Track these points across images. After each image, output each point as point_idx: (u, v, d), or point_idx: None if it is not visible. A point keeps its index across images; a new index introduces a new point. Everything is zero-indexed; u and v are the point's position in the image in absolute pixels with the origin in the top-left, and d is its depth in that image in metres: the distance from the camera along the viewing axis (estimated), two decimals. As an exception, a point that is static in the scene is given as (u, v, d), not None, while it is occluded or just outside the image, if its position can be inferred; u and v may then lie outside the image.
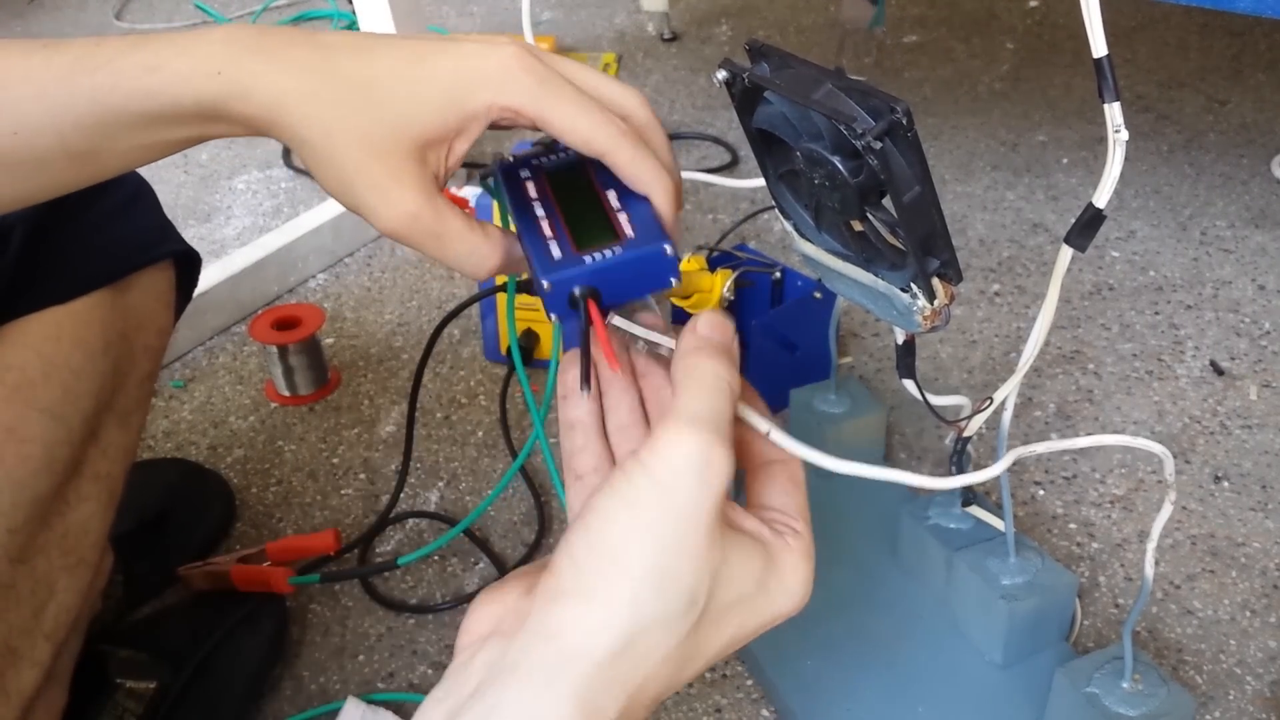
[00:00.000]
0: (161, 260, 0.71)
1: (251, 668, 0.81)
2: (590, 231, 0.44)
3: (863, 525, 0.90)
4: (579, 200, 0.46)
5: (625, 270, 0.43)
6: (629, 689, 0.36)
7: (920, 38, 1.88)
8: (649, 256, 0.44)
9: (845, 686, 0.78)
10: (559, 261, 0.43)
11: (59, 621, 0.62)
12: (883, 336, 1.18)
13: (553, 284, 0.43)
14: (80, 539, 0.63)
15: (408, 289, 1.29)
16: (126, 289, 0.67)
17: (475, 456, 1.04)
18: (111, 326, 0.65)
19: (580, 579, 0.37)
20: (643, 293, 0.45)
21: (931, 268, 0.48)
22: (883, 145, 0.42)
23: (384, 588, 0.91)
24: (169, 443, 1.08)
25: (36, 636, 0.60)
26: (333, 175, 0.44)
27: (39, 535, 0.60)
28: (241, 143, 1.65)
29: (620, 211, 0.45)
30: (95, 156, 0.46)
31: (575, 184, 0.47)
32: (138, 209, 0.71)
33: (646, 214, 0.45)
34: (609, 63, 1.84)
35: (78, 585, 0.63)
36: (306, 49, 0.44)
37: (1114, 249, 1.30)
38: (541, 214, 0.46)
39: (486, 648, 0.38)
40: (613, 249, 0.43)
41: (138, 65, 0.44)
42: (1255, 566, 0.89)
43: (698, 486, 0.37)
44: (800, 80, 0.45)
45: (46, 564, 0.61)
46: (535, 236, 0.45)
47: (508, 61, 0.44)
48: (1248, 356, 1.12)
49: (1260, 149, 1.49)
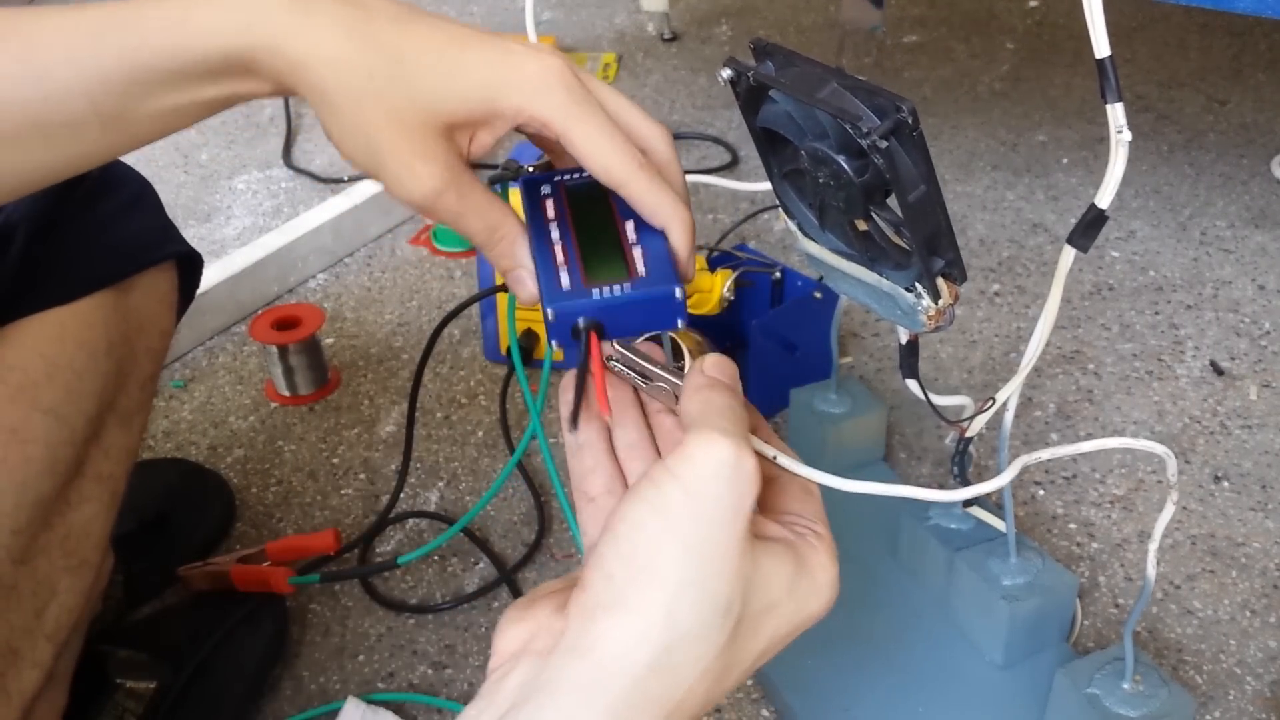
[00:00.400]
0: (164, 261, 0.71)
1: (251, 668, 0.80)
2: (602, 263, 0.44)
3: (864, 525, 0.90)
4: (596, 227, 0.46)
5: (632, 308, 0.43)
6: (667, 705, 0.36)
7: (920, 38, 1.88)
8: (658, 298, 0.43)
9: (845, 686, 0.78)
10: (566, 291, 0.43)
11: (60, 622, 0.62)
12: (883, 336, 1.18)
13: (557, 314, 0.43)
14: (82, 540, 0.63)
15: (408, 289, 1.29)
16: (129, 290, 0.67)
17: (475, 456, 1.04)
18: (114, 327, 0.65)
19: (614, 591, 0.36)
20: (648, 330, 0.44)
21: (936, 267, 0.48)
22: (888, 144, 0.42)
23: (384, 588, 0.91)
24: (169, 443, 1.08)
25: (38, 637, 0.60)
26: (359, 144, 0.43)
27: (41, 536, 0.60)
28: (242, 143, 1.65)
29: (635, 245, 0.45)
30: (126, 120, 0.45)
31: (595, 209, 0.47)
32: (140, 210, 0.71)
33: (661, 251, 0.44)
34: (609, 63, 1.84)
35: (79, 586, 0.63)
36: (347, 7, 0.43)
37: (1114, 249, 1.30)
38: (556, 237, 0.45)
39: (520, 667, 0.38)
40: (622, 285, 0.43)
41: (165, 19, 0.43)
42: (1255, 566, 0.89)
43: (729, 493, 0.36)
44: (805, 79, 0.45)
45: (48, 565, 0.61)
46: (547, 260, 0.44)
47: (548, 73, 0.44)
48: (1248, 356, 1.12)
49: (1260, 149, 1.49)
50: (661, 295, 0.43)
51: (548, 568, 0.92)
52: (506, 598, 0.89)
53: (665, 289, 0.43)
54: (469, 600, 0.89)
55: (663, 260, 0.44)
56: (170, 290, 0.72)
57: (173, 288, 0.72)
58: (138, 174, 0.72)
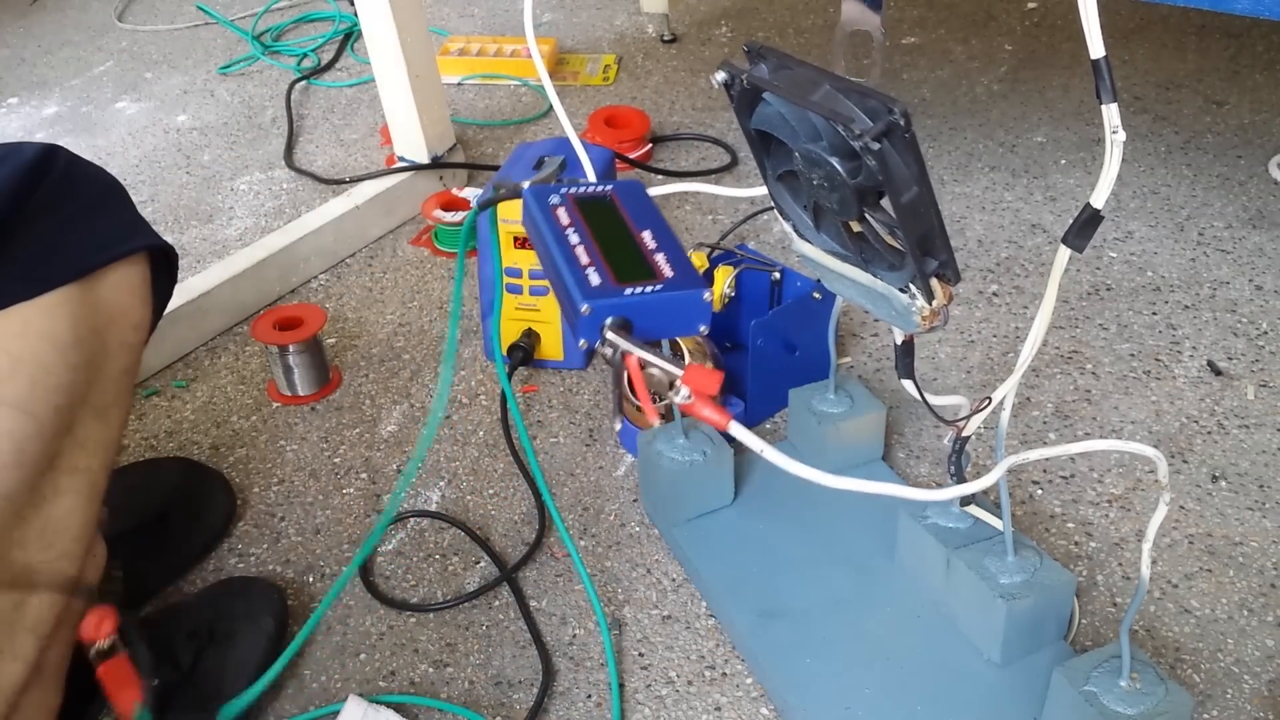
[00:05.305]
0: (133, 255, 0.70)
1: (252, 666, 0.81)
2: (629, 266, 0.45)
3: (861, 524, 0.90)
4: (613, 233, 0.47)
5: (662, 308, 0.44)
6: None
7: (919, 39, 1.88)
8: (687, 300, 0.44)
9: (844, 685, 0.78)
10: (598, 288, 0.44)
11: (41, 615, 0.62)
12: (881, 336, 1.18)
13: (592, 308, 0.43)
14: (60, 533, 0.63)
15: (409, 289, 1.30)
16: (97, 284, 0.67)
17: (476, 456, 1.04)
18: (82, 321, 0.65)
19: None
20: (673, 334, 0.45)
21: (929, 268, 0.48)
22: (881, 146, 0.42)
23: (385, 586, 0.91)
24: (171, 442, 1.08)
25: (18, 630, 0.61)
26: None
27: (15, 530, 0.60)
28: (244, 144, 1.66)
29: (657, 252, 0.46)
30: None
31: (607, 217, 0.48)
32: (106, 207, 0.71)
33: (682, 258, 0.46)
34: (609, 64, 1.84)
35: (60, 579, 0.63)
36: None
37: (1112, 249, 1.31)
38: (577, 241, 0.46)
39: None
40: (652, 285, 0.44)
41: None
42: (1253, 565, 0.90)
43: None
44: (799, 81, 0.45)
45: (25, 558, 0.61)
46: (572, 262, 0.45)
47: None
48: (1245, 356, 1.12)
49: (1258, 149, 1.49)
50: (691, 297, 0.44)
51: (548, 566, 0.93)
52: (507, 596, 0.90)
53: (695, 291, 0.44)
54: (470, 599, 0.89)
55: (686, 266, 0.45)
56: (141, 283, 0.72)
57: (144, 281, 0.72)
58: (105, 173, 0.72)
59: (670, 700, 0.81)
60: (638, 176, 1.50)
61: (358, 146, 1.62)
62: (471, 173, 1.52)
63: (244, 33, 2.03)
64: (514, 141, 1.62)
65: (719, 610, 0.87)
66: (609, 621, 0.87)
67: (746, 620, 0.84)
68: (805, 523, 0.91)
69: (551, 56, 1.86)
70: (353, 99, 1.77)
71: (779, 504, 0.94)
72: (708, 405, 0.47)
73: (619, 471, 1.02)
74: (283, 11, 2.13)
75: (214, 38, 2.06)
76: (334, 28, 2.01)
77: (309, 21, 2.08)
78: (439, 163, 1.45)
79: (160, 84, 1.89)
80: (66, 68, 1.99)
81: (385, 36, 1.33)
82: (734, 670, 0.83)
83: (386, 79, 1.37)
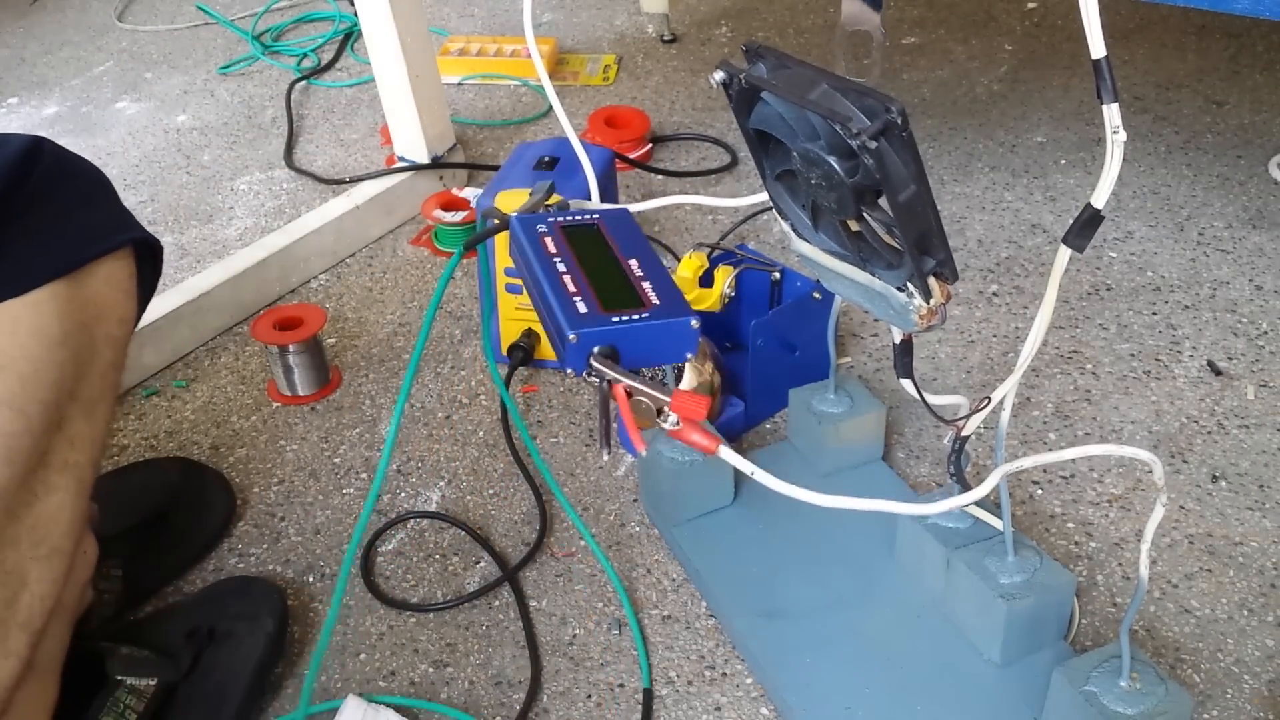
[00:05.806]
0: (119, 249, 0.70)
1: (252, 666, 0.81)
2: (615, 294, 0.45)
3: (861, 524, 0.90)
4: (600, 262, 0.47)
5: (649, 336, 0.44)
6: None
7: (919, 39, 1.88)
8: (674, 327, 0.44)
9: (844, 685, 0.78)
10: (585, 316, 0.44)
11: (33, 611, 0.62)
12: (881, 336, 1.18)
13: (579, 337, 0.43)
14: (51, 529, 0.63)
15: (409, 289, 1.30)
16: (84, 279, 0.67)
17: (476, 456, 1.04)
18: (70, 316, 0.65)
19: None
20: (660, 361, 0.45)
21: (927, 267, 0.48)
22: (878, 145, 0.42)
23: (385, 586, 0.91)
24: (171, 442, 1.08)
25: (10, 626, 0.61)
26: None
27: (7, 527, 0.60)
28: (244, 144, 1.66)
29: (644, 280, 0.46)
30: None
31: (595, 247, 0.48)
32: (93, 201, 0.71)
33: (670, 287, 0.46)
34: (609, 64, 1.84)
35: (51, 575, 0.63)
36: None
37: (1112, 249, 1.31)
38: (564, 269, 0.46)
39: None
40: (639, 313, 0.44)
41: None
42: (1253, 565, 0.90)
43: None
44: (797, 81, 0.45)
45: (16, 555, 0.61)
46: (559, 290, 0.45)
47: None
48: (1245, 356, 1.12)
49: (1258, 149, 1.49)
50: (679, 325, 0.44)
51: (548, 566, 0.93)
52: (507, 596, 0.90)
53: (682, 319, 0.44)
54: (470, 599, 0.89)
55: (673, 294, 0.45)
56: (128, 278, 0.72)
57: (130, 275, 0.72)
58: (91, 165, 0.72)
59: (670, 700, 0.81)
60: (637, 176, 1.50)
61: (358, 146, 1.62)
62: (471, 173, 1.52)
63: (244, 33, 2.03)
64: (514, 141, 1.62)
65: (719, 610, 0.87)
66: (609, 621, 0.87)
67: (746, 620, 0.84)
68: (805, 522, 0.91)
69: (551, 56, 1.86)
70: (353, 99, 1.78)
71: (779, 504, 0.93)
72: (695, 430, 0.47)
73: (619, 471, 1.02)
74: (283, 11, 2.13)
75: (214, 38, 2.06)
76: (334, 28, 2.01)
77: (309, 21, 2.08)
78: (439, 163, 1.45)
79: (160, 84, 1.89)
80: (66, 68, 1.99)
81: (385, 36, 1.33)
82: (734, 670, 0.83)
83: (386, 79, 1.37)
